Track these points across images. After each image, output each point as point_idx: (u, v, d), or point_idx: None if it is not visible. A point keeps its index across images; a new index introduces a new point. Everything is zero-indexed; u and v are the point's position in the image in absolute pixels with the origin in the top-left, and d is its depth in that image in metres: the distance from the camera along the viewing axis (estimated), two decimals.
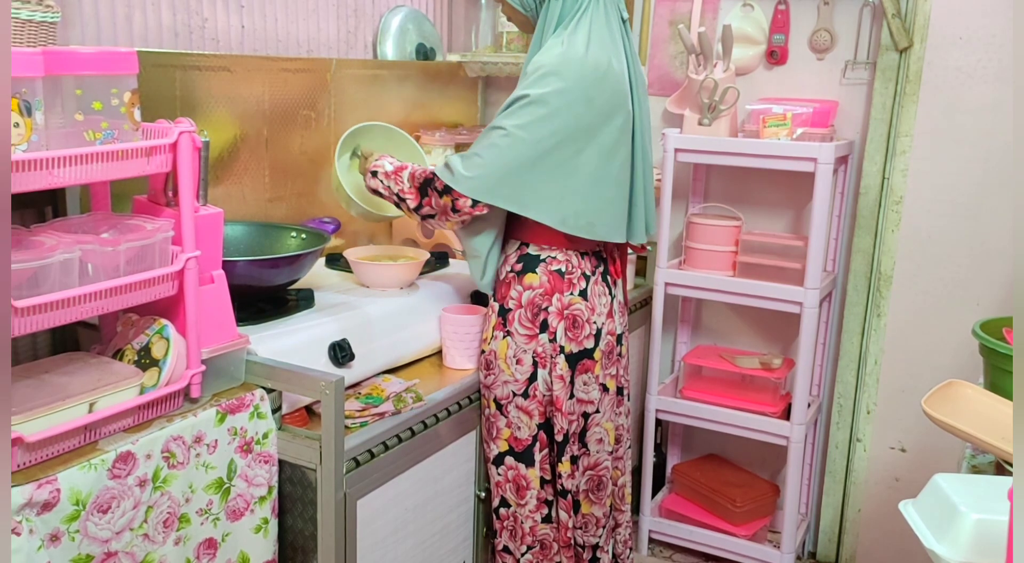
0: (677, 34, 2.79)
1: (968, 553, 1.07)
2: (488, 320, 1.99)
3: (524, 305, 1.93)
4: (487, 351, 1.98)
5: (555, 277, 1.92)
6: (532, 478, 1.98)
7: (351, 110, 2.58)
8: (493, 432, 2.00)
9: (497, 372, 1.96)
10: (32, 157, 1.26)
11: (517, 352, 1.94)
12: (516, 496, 2.00)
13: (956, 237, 2.57)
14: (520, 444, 1.98)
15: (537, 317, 1.92)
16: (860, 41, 2.62)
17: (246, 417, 1.60)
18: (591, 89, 1.82)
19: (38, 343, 1.78)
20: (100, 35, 1.96)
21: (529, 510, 2.00)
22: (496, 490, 2.03)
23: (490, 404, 1.99)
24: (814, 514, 2.92)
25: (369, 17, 2.77)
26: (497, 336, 1.96)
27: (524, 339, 1.93)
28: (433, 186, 1.88)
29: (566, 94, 1.80)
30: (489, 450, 2.02)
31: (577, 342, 1.94)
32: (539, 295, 1.92)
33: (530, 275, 1.93)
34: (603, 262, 2.01)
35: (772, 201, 2.82)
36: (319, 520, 1.66)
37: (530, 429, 1.97)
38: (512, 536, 2.03)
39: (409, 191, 1.93)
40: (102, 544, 1.36)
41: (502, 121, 1.82)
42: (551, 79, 1.80)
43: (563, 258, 1.93)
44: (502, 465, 2.00)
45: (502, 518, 2.03)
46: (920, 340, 2.65)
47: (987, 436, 1.39)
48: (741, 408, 2.65)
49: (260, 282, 1.88)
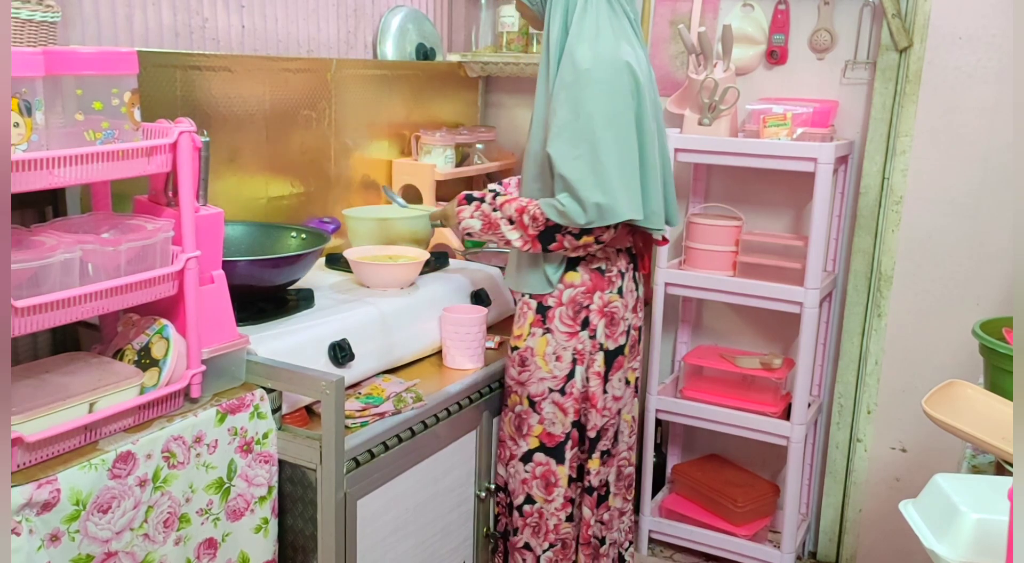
0: (677, 34, 2.79)
1: (968, 553, 1.07)
2: (523, 317, 1.98)
3: (565, 303, 1.93)
4: (521, 348, 1.98)
5: (596, 275, 1.94)
6: (561, 476, 1.99)
7: (351, 110, 2.58)
8: (524, 429, 2.00)
9: (533, 369, 1.97)
10: (32, 157, 1.26)
11: (557, 349, 1.94)
12: (544, 492, 2.01)
13: (956, 237, 2.57)
14: (553, 440, 1.98)
15: (579, 315, 1.94)
16: (860, 41, 2.62)
17: (246, 417, 1.60)
18: (617, 79, 1.81)
19: (38, 343, 1.78)
20: (100, 35, 1.96)
21: (555, 507, 2.01)
22: (521, 488, 2.02)
23: (522, 401, 1.99)
24: (814, 514, 2.92)
25: (369, 17, 2.77)
26: (535, 333, 1.96)
27: (565, 336, 1.94)
28: (562, 231, 1.84)
29: (613, 90, 1.80)
30: (515, 447, 2.02)
31: (614, 339, 1.98)
32: (581, 293, 1.93)
33: (571, 273, 1.93)
34: (633, 259, 2.03)
35: (772, 201, 2.82)
36: (319, 520, 1.66)
37: (564, 426, 1.98)
38: (535, 533, 2.04)
39: (523, 240, 1.89)
40: (102, 544, 1.36)
41: (573, 142, 1.79)
42: (589, 80, 1.78)
43: (602, 256, 1.94)
44: (530, 461, 2.00)
45: (525, 515, 2.03)
46: (920, 340, 2.65)
47: (987, 436, 1.39)
48: (741, 408, 2.65)
49: (260, 282, 1.88)
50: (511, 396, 2.03)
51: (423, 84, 2.87)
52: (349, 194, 2.62)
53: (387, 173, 2.76)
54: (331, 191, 2.55)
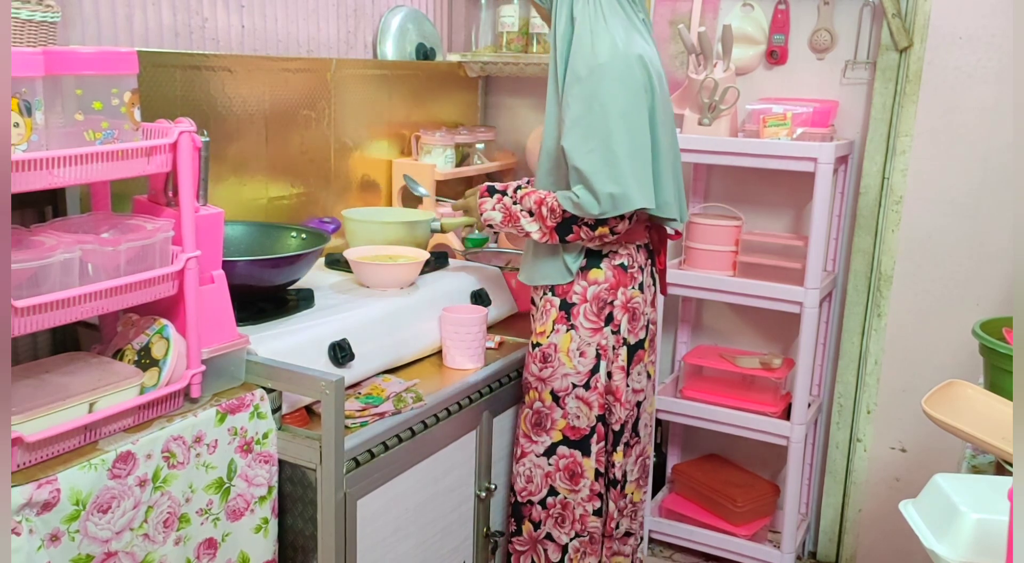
0: (677, 34, 2.79)
1: (968, 553, 1.07)
2: (545, 314, 2.00)
3: (590, 300, 1.95)
4: (544, 344, 1.99)
5: (619, 271, 1.96)
6: (588, 468, 2.01)
7: (351, 110, 2.58)
8: (547, 423, 2.01)
9: (557, 365, 1.98)
10: (32, 157, 1.26)
11: (581, 345, 1.96)
12: (570, 483, 2.02)
13: (956, 237, 2.57)
14: (577, 433, 2.00)
15: (603, 311, 1.96)
16: (860, 41, 2.62)
17: (246, 417, 1.60)
18: (630, 73, 1.83)
19: (38, 343, 1.78)
20: (100, 35, 1.96)
21: (582, 498, 2.02)
22: (544, 481, 2.04)
23: (544, 397, 2.01)
24: (814, 514, 2.92)
25: (369, 17, 2.77)
26: (559, 329, 1.97)
27: (589, 332, 1.96)
28: (579, 223, 1.87)
29: (626, 83, 1.82)
30: (536, 443, 2.03)
31: (635, 333, 2.01)
32: (605, 289, 1.95)
33: (595, 270, 1.96)
34: (651, 254, 2.05)
35: (772, 201, 2.82)
36: (319, 520, 1.66)
37: (589, 420, 1.99)
38: (558, 523, 2.04)
39: (542, 231, 1.92)
40: (102, 544, 1.36)
41: (588, 134, 1.82)
42: (603, 74, 1.80)
43: (625, 252, 1.97)
44: (554, 455, 2.02)
45: (548, 507, 2.05)
46: (920, 340, 2.65)
47: (987, 436, 1.39)
48: (741, 408, 2.65)
49: (260, 282, 1.88)
50: (530, 392, 2.04)
51: (423, 84, 2.87)
52: (349, 194, 2.62)
53: (387, 173, 2.76)
54: (331, 191, 2.55)
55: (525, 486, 2.07)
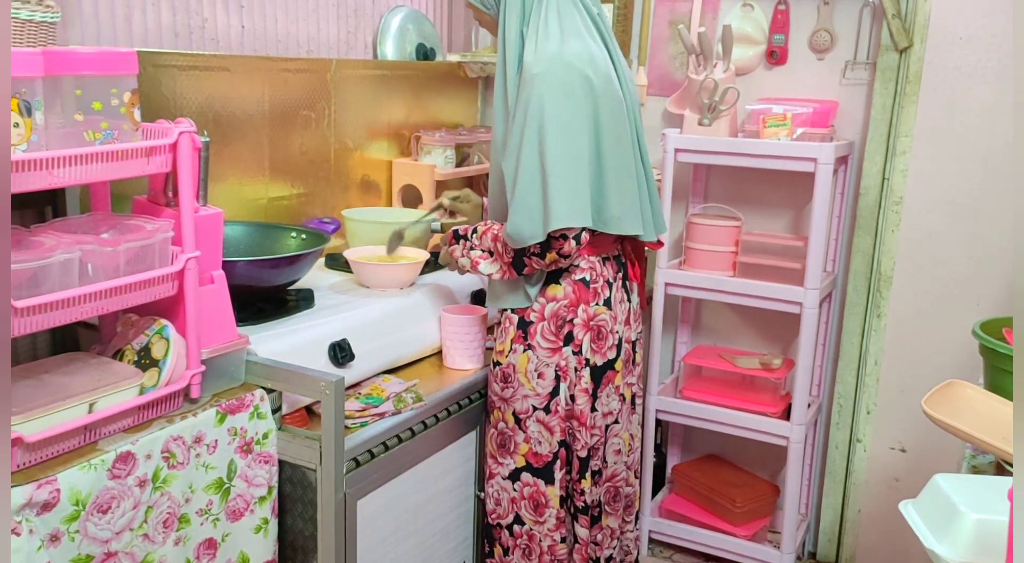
0: (677, 34, 2.79)
1: (968, 553, 1.07)
2: (504, 332, 1.89)
3: (547, 318, 1.84)
4: (503, 364, 1.88)
5: (580, 287, 1.83)
6: (552, 496, 1.89)
7: (351, 110, 2.58)
8: (510, 446, 1.91)
9: (516, 386, 1.87)
10: (32, 157, 1.26)
11: (539, 366, 1.85)
12: (534, 513, 1.91)
13: (956, 237, 2.57)
14: (540, 460, 1.89)
15: (561, 330, 1.83)
16: (860, 41, 2.62)
17: (246, 417, 1.60)
18: (577, 81, 1.72)
19: (38, 343, 1.78)
20: (100, 35, 1.96)
21: (548, 528, 1.91)
22: (510, 506, 1.93)
23: (507, 418, 1.90)
24: (814, 514, 2.92)
25: (369, 17, 2.77)
26: (516, 349, 1.86)
27: (547, 352, 1.84)
28: (527, 254, 1.78)
29: (561, 92, 1.71)
30: (502, 465, 1.93)
31: (601, 354, 1.87)
32: (563, 307, 1.83)
33: (553, 286, 1.84)
34: (623, 267, 1.94)
35: (772, 201, 2.82)
36: (319, 520, 1.66)
37: (551, 445, 1.88)
38: (526, 555, 1.94)
39: (501, 270, 1.85)
40: (102, 544, 1.36)
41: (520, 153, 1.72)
42: (537, 84, 1.70)
43: (587, 266, 1.84)
44: (518, 481, 1.91)
45: (516, 535, 1.94)
46: (920, 340, 2.65)
47: (987, 436, 1.39)
48: (741, 408, 2.64)
49: (260, 282, 1.88)
50: (494, 412, 1.93)
51: (423, 84, 2.88)
52: (349, 194, 2.62)
53: (387, 173, 2.76)
54: (331, 191, 2.55)
55: (494, 508, 1.96)
